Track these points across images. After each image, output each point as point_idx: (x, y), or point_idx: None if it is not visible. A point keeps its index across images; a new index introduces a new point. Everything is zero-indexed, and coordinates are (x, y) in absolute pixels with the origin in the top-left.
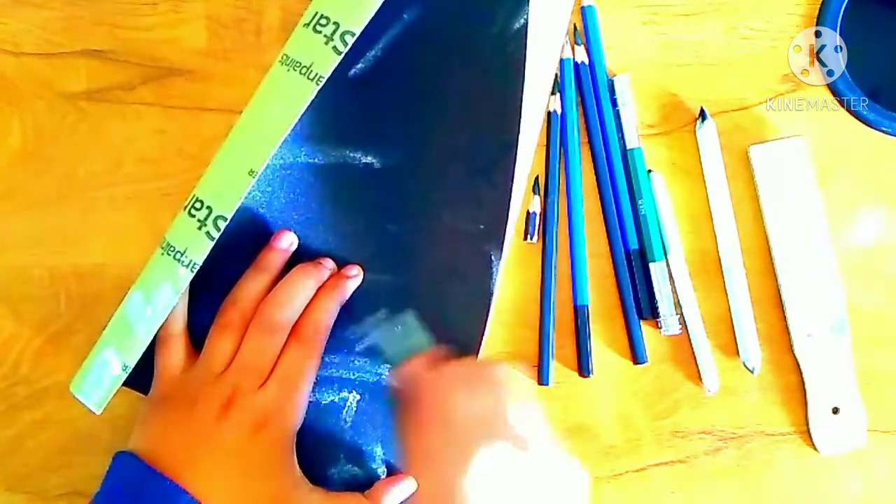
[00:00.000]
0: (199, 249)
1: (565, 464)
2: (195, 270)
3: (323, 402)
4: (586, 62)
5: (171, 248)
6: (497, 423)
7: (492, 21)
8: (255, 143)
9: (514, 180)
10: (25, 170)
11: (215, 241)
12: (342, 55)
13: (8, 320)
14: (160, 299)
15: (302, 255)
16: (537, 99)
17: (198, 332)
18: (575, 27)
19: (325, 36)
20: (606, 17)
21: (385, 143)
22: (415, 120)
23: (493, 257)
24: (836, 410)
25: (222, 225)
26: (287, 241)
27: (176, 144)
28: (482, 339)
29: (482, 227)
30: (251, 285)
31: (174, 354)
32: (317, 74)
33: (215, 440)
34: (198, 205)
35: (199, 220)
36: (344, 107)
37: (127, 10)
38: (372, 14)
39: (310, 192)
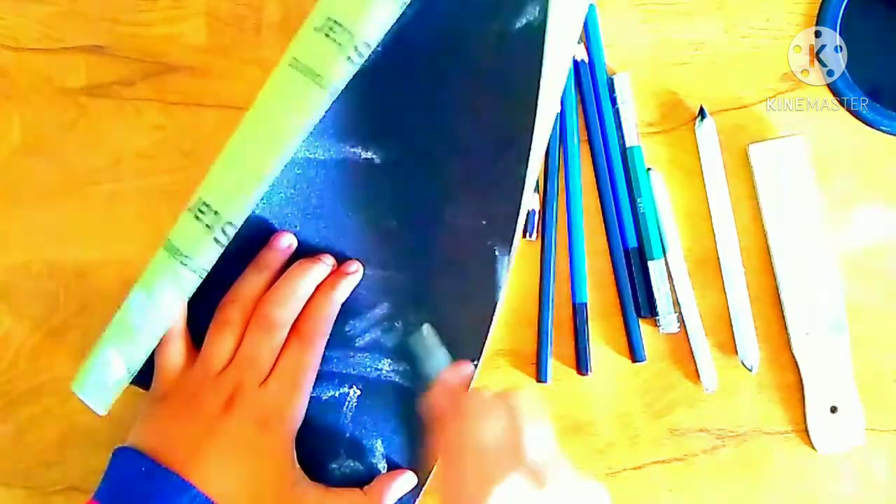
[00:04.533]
0: (207, 255)
1: (588, 487)
2: (203, 276)
3: (323, 398)
4: (586, 60)
5: (178, 252)
6: (520, 449)
7: (500, 17)
8: (267, 149)
9: (526, 178)
10: (24, 165)
11: (225, 247)
12: (357, 66)
13: (7, 315)
14: (164, 303)
15: (302, 251)
16: (551, 96)
17: (198, 330)
18: None
19: (339, 44)
20: (606, 15)
21: (385, 139)
22: (417, 116)
23: (496, 252)
24: (834, 409)
25: (231, 231)
26: (286, 242)
27: (175, 141)
28: (487, 337)
29: (484, 222)
30: (250, 283)
31: (174, 353)
32: (330, 84)
33: (218, 436)
34: (204, 208)
35: (206, 225)
36: (345, 102)
37: (127, 5)
38: (389, 24)
39: (310, 188)
